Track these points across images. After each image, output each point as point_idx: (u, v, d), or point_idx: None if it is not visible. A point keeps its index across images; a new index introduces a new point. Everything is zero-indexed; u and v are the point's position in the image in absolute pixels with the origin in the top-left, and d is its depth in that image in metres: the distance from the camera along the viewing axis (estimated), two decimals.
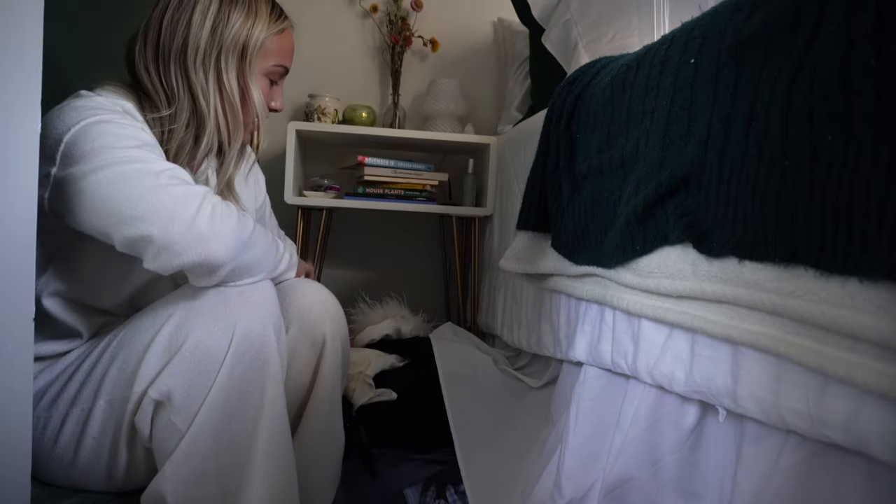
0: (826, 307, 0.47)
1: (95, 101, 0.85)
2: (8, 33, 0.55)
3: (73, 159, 0.78)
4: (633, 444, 0.77)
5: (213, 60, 0.94)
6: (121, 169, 0.77)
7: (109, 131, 0.81)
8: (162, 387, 0.81)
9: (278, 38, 1.00)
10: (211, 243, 0.78)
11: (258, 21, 0.96)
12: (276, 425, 0.84)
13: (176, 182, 0.79)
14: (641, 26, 1.40)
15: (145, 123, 0.90)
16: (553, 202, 1.07)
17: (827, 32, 0.49)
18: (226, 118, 0.96)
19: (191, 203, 0.78)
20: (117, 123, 0.83)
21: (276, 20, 0.99)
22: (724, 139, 0.61)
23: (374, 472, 1.21)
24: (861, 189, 0.44)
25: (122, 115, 0.86)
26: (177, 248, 0.76)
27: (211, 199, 0.80)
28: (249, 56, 0.95)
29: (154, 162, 0.81)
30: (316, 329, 0.99)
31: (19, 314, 0.59)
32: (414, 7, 2.14)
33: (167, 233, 0.75)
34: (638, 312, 0.78)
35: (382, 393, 1.42)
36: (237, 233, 0.81)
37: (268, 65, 0.99)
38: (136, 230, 0.76)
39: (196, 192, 0.80)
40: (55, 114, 0.83)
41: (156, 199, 0.76)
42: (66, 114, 0.82)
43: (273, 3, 1.01)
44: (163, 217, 0.76)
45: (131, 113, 0.89)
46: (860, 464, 0.49)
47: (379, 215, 2.18)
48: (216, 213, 0.79)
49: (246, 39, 0.95)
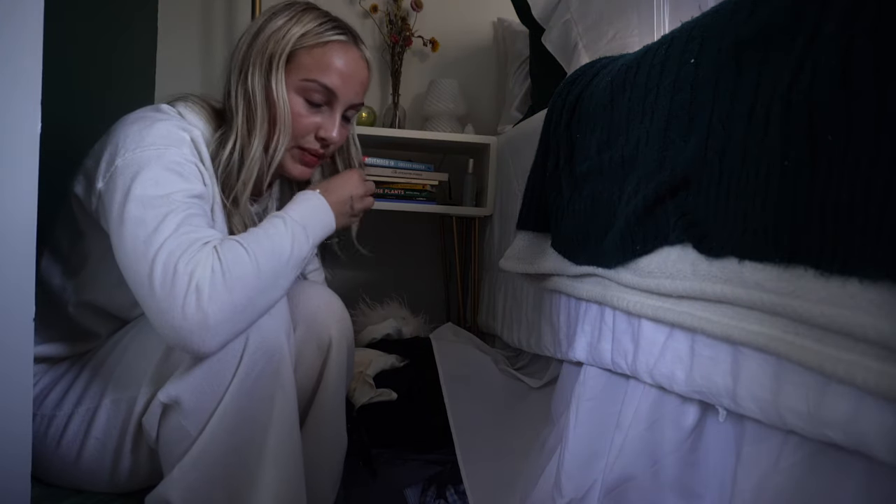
0: (826, 307, 0.47)
1: (163, 130, 0.83)
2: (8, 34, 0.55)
3: (115, 188, 0.79)
4: (633, 443, 0.77)
5: (245, 63, 0.91)
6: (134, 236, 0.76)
7: (152, 177, 0.79)
8: (171, 390, 0.80)
9: (317, 51, 0.90)
10: (196, 342, 0.74)
11: (295, 28, 0.90)
12: (286, 433, 0.83)
13: (169, 270, 0.74)
14: (641, 26, 1.40)
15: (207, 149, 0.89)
16: (553, 202, 1.07)
17: (827, 32, 0.48)
18: (247, 127, 0.90)
19: (175, 300, 0.73)
20: (167, 162, 0.80)
21: (319, 32, 0.91)
22: (724, 139, 0.61)
23: (374, 472, 1.22)
24: (861, 189, 0.44)
25: (180, 149, 0.83)
26: (168, 340, 0.76)
27: (198, 283, 0.73)
28: (276, 63, 0.89)
29: (163, 230, 0.76)
30: (322, 331, 0.98)
31: (19, 314, 0.59)
32: (414, 7, 2.14)
33: (158, 326, 0.75)
34: (638, 312, 0.78)
35: (383, 393, 1.42)
36: (227, 310, 0.75)
37: (298, 78, 0.90)
38: (139, 301, 0.77)
39: (182, 280, 0.73)
40: (124, 126, 0.83)
41: (149, 290, 0.74)
42: (132, 131, 0.82)
43: (327, 17, 0.94)
44: (154, 310, 0.74)
45: (196, 141, 0.87)
46: (860, 464, 0.49)
47: (379, 215, 2.18)
48: (202, 300, 0.73)
49: (275, 44, 0.89)
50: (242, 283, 0.76)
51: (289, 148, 0.93)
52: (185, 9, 2.06)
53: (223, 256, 0.76)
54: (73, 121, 1.39)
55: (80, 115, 1.43)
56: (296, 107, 0.91)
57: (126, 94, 1.76)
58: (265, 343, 0.81)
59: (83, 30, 1.48)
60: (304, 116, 0.92)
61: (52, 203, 0.87)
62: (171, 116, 0.87)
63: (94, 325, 0.94)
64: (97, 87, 1.55)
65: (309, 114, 0.92)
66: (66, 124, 1.34)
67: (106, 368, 0.89)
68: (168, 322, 0.73)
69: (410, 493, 1.15)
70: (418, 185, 1.90)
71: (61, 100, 1.35)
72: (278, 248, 0.82)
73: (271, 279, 0.80)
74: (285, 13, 0.92)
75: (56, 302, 0.92)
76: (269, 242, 0.82)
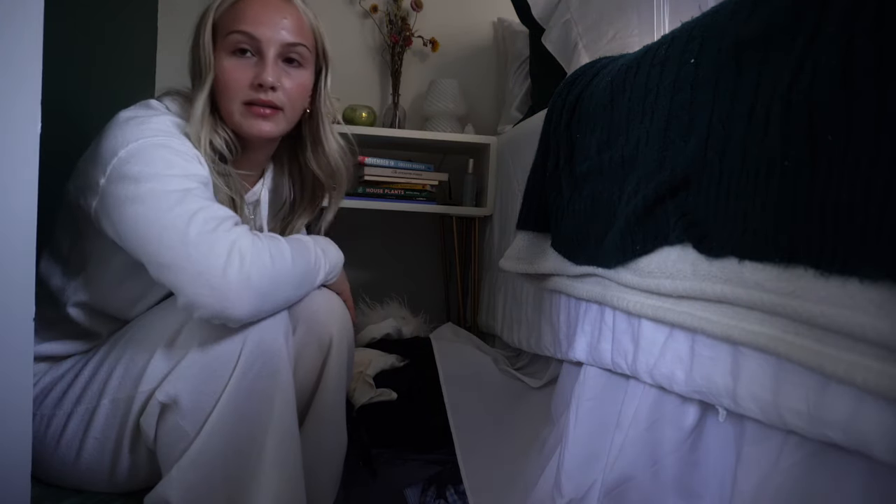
0: (826, 307, 0.47)
1: (159, 122, 0.85)
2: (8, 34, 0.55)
3: (121, 178, 0.79)
4: (633, 443, 0.77)
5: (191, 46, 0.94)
6: (157, 207, 0.76)
7: (161, 157, 0.80)
8: (169, 389, 0.80)
9: (233, 8, 0.93)
10: (233, 302, 0.75)
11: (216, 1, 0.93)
12: (286, 433, 0.83)
13: (206, 232, 0.76)
14: (641, 26, 1.40)
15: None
16: (553, 202, 1.07)
17: (827, 32, 0.49)
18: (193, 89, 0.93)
19: (216, 260, 0.75)
20: (172, 149, 0.82)
21: None
22: (724, 139, 0.61)
23: (374, 472, 1.22)
24: (861, 189, 0.44)
25: (181, 140, 0.85)
26: (199, 304, 0.75)
27: (241, 247, 0.77)
28: (202, 31, 0.92)
29: (190, 202, 0.78)
30: (323, 331, 0.99)
31: (19, 314, 0.59)
32: (414, 7, 2.14)
33: (192, 288, 0.75)
34: (638, 312, 0.78)
35: (382, 393, 1.42)
36: (266, 280, 0.78)
37: (223, 38, 0.91)
38: (164, 277, 0.77)
39: (223, 242, 0.76)
40: (118, 124, 0.84)
41: (183, 252, 0.75)
42: (128, 127, 0.82)
43: None
44: (189, 272, 0.75)
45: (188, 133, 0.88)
46: (860, 464, 0.49)
47: (379, 215, 2.18)
48: (245, 263, 0.76)
49: (202, 21, 0.93)
50: (281, 260, 0.82)
51: (238, 109, 0.92)
52: (185, 9, 2.06)
53: (261, 236, 0.81)
54: (73, 121, 1.39)
55: (80, 115, 1.43)
56: (225, 62, 0.91)
57: (126, 94, 1.77)
58: (263, 343, 0.81)
59: (83, 30, 1.48)
60: (233, 69, 0.91)
61: (52, 203, 0.87)
62: (162, 111, 0.88)
63: (94, 325, 0.94)
64: (97, 88, 1.55)
65: (239, 66, 0.92)
66: (66, 124, 1.34)
67: (105, 368, 0.89)
68: (206, 281, 0.74)
69: (410, 493, 1.15)
70: (418, 185, 1.90)
71: (61, 100, 1.35)
72: (305, 253, 0.89)
73: (300, 273, 0.87)
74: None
75: (55, 302, 0.92)
76: (300, 245, 0.89)
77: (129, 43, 1.83)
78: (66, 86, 1.38)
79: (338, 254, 1.02)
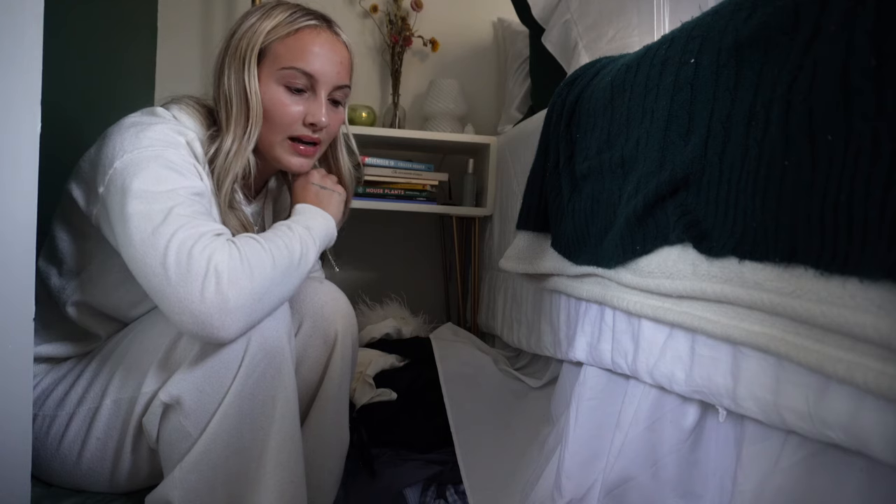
0: (826, 307, 0.47)
1: (158, 132, 0.84)
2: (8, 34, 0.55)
3: (115, 191, 0.78)
4: (633, 443, 0.77)
5: (222, 65, 0.93)
6: (142, 229, 0.76)
7: (153, 172, 0.79)
8: (173, 390, 0.80)
9: (289, 39, 0.92)
10: (217, 328, 0.74)
11: (265, 23, 0.92)
12: (288, 434, 0.83)
13: (183, 253, 0.74)
14: (641, 26, 1.40)
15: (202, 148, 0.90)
16: (553, 202, 1.07)
17: (827, 32, 0.49)
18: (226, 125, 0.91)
19: (194, 283, 0.73)
20: (166, 162, 0.81)
21: (290, 21, 0.93)
22: (724, 139, 0.61)
23: (374, 472, 1.21)
24: (861, 189, 0.44)
25: (178, 151, 0.84)
26: (186, 330, 0.75)
27: (217, 265, 0.74)
28: (248, 59, 0.91)
29: (172, 221, 0.76)
30: (328, 326, 0.99)
31: (19, 314, 0.59)
32: (414, 7, 2.14)
33: (176, 316, 0.74)
34: (638, 312, 0.78)
35: (382, 393, 1.42)
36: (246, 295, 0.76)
37: (276, 69, 0.91)
38: (153, 298, 0.76)
39: (200, 262, 0.73)
40: (120, 130, 0.83)
41: (164, 277, 0.74)
42: (128, 135, 0.82)
43: (297, 7, 0.95)
44: (170, 298, 0.73)
45: (191, 143, 0.87)
46: (860, 464, 0.49)
47: (379, 215, 2.18)
48: (222, 283, 0.74)
49: (247, 42, 0.91)
50: (261, 270, 0.78)
51: (280, 141, 0.95)
52: (185, 9, 2.06)
53: (239, 245, 0.78)
54: (73, 121, 1.39)
55: (81, 115, 1.43)
56: (278, 96, 0.92)
57: (126, 94, 1.76)
58: (266, 344, 0.81)
59: (83, 30, 1.48)
60: (287, 105, 0.92)
61: (51, 203, 0.87)
62: (166, 119, 0.88)
63: (93, 325, 0.94)
64: (97, 88, 1.55)
65: (293, 102, 0.93)
66: (66, 125, 1.34)
67: (107, 369, 0.89)
68: (187, 307, 0.73)
69: (410, 493, 1.15)
70: (418, 185, 1.90)
71: (61, 100, 1.35)
72: (288, 245, 0.85)
73: (285, 273, 0.82)
74: (257, 12, 0.94)
75: (54, 302, 0.92)
76: (280, 240, 0.84)
77: (130, 43, 1.83)
78: (66, 86, 1.38)
79: (324, 221, 0.96)
